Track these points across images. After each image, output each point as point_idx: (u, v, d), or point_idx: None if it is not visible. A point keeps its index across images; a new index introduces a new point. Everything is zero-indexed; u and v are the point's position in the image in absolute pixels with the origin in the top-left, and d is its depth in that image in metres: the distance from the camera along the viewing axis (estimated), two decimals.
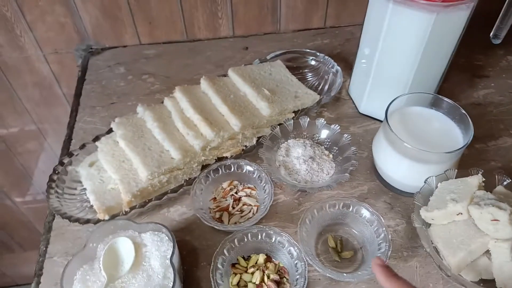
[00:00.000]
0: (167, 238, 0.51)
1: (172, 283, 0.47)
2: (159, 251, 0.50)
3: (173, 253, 0.48)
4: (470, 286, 0.49)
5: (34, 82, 0.97)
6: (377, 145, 0.63)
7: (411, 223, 0.61)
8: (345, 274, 0.52)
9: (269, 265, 0.55)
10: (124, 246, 0.50)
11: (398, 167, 0.60)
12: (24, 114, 1.03)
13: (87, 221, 0.57)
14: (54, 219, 0.63)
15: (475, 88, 0.82)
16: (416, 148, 0.56)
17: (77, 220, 0.57)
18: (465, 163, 0.64)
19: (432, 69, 0.66)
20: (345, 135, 0.65)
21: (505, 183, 0.56)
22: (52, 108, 1.03)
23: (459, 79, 0.83)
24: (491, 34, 0.67)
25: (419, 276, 0.56)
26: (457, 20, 0.60)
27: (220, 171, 0.63)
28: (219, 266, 0.52)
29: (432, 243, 0.53)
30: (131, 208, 0.59)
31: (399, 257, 0.58)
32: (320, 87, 0.80)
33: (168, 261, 0.49)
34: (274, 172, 0.61)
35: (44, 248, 0.59)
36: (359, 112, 0.77)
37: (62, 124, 1.07)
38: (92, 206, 0.60)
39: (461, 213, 0.51)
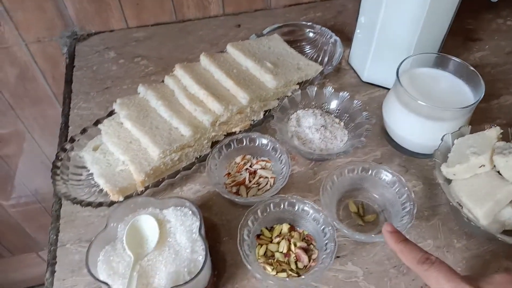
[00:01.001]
0: (190, 212, 0.49)
1: (203, 257, 0.46)
2: (184, 226, 0.48)
3: (200, 225, 0.46)
4: (497, 236, 0.49)
5: (17, 75, 0.92)
6: (389, 108, 0.63)
7: (428, 184, 0.61)
8: (373, 235, 0.52)
9: (294, 234, 0.54)
10: (147, 223, 0.48)
11: (412, 128, 0.60)
12: (7, 110, 0.98)
13: (100, 204, 0.54)
14: (61, 207, 0.60)
15: (470, 51, 0.83)
16: (431, 106, 0.56)
17: (89, 204, 0.54)
18: (472, 123, 0.64)
19: (435, 30, 0.66)
20: (355, 101, 0.64)
21: None
22: (36, 101, 0.98)
23: (453, 43, 0.83)
24: None
25: (442, 233, 0.56)
26: None
27: (232, 146, 0.62)
28: (245, 237, 0.51)
29: (455, 199, 0.53)
30: (145, 188, 0.56)
31: (421, 217, 0.58)
32: (320, 58, 0.79)
33: (194, 235, 0.48)
34: (288, 143, 0.60)
35: (55, 237, 0.56)
36: (362, 81, 0.76)
37: (47, 118, 1.03)
38: (101, 190, 0.58)
39: (484, 165, 0.51)
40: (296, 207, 0.54)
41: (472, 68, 0.60)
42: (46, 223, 1.35)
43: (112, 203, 0.55)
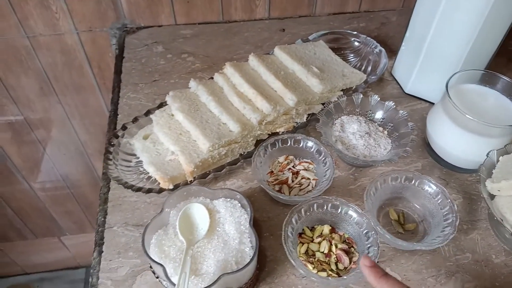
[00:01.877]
0: (239, 204, 0.51)
1: (250, 249, 0.47)
2: (233, 217, 0.50)
3: (251, 218, 0.48)
4: None
5: (64, 62, 0.95)
6: (435, 121, 0.64)
7: (468, 198, 0.62)
8: (415, 243, 0.53)
9: (334, 235, 0.55)
10: (198, 212, 0.50)
11: (458, 142, 0.61)
12: (51, 95, 1.01)
13: (150, 191, 0.56)
14: (109, 190, 0.62)
15: None
16: (480, 121, 0.56)
17: (139, 189, 0.56)
18: None
19: (483, 50, 0.67)
20: (401, 112, 0.65)
21: None
22: (80, 89, 1.01)
23: (497, 63, 0.83)
24: None
25: (481, 248, 0.57)
26: None
27: (277, 145, 0.63)
28: (289, 234, 0.52)
29: (498, 215, 0.53)
30: (193, 179, 0.58)
31: (460, 230, 0.58)
32: (363, 67, 0.80)
33: (243, 227, 0.49)
34: (332, 146, 0.61)
35: (103, 219, 0.59)
36: (405, 92, 0.77)
37: (88, 107, 1.06)
38: (149, 177, 0.60)
39: None
40: (339, 210, 0.55)
41: None
42: (72, 209, 1.39)
43: (161, 190, 0.57)
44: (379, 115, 0.68)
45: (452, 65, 0.68)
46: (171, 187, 0.56)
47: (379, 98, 0.68)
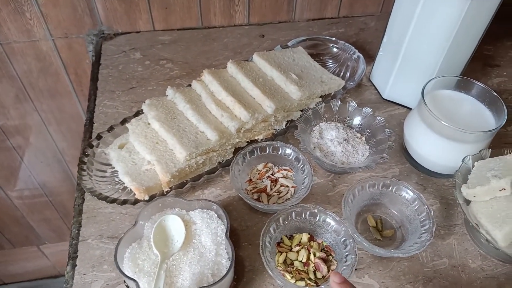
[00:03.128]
0: (216, 215, 0.50)
1: (227, 260, 0.46)
2: (209, 228, 0.49)
3: (227, 229, 0.47)
4: None
5: (40, 69, 0.93)
6: (411, 127, 0.64)
7: (444, 203, 0.62)
8: (392, 250, 0.53)
9: (313, 244, 0.55)
10: (174, 223, 0.49)
11: (434, 148, 0.61)
12: (27, 102, 0.99)
13: (125, 202, 0.55)
14: (83, 202, 0.60)
15: (489, 76, 0.85)
16: (455, 128, 0.57)
17: (114, 200, 0.55)
18: (490, 147, 0.66)
19: (459, 54, 0.68)
20: (378, 118, 0.65)
21: None
22: (56, 96, 0.99)
23: (472, 68, 0.85)
24: None
25: (457, 253, 0.57)
26: (488, 6, 0.61)
27: (256, 153, 0.63)
28: (267, 244, 0.52)
29: (473, 220, 0.54)
30: (170, 189, 0.57)
31: (437, 235, 0.59)
32: (342, 73, 0.81)
33: (219, 238, 0.48)
34: (310, 154, 0.61)
35: (76, 231, 0.57)
36: (383, 98, 0.78)
37: (64, 113, 1.04)
38: (124, 188, 0.59)
39: (504, 189, 0.53)
40: (318, 218, 0.55)
41: (495, 93, 0.62)
42: (50, 217, 1.36)
43: (136, 201, 0.56)
44: (357, 121, 0.68)
45: (428, 70, 0.69)
46: (146, 198, 0.55)
47: (356, 105, 0.68)
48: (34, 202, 1.30)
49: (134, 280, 0.42)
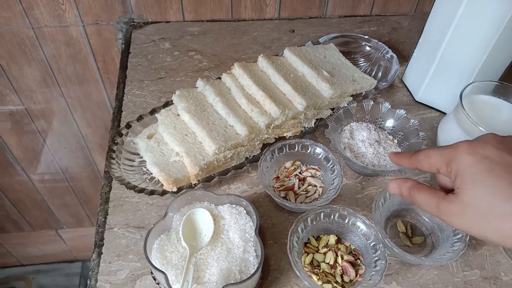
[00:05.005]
0: (245, 211, 0.49)
1: (254, 258, 0.46)
2: (238, 224, 0.48)
3: (257, 226, 0.46)
4: None
5: (69, 54, 0.94)
6: (446, 131, 0.62)
7: None
8: (423, 258, 0.51)
9: (340, 246, 0.54)
10: (202, 217, 0.48)
11: None
12: (54, 87, 1.00)
13: (152, 192, 0.55)
14: (110, 190, 0.60)
15: None
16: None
17: (142, 190, 0.54)
18: None
19: (501, 58, 0.65)
20: (412, 120, 0.64)
21: None
22: (83, 82, 1.00)
23: (510, 72, 0.82)
24: None
25: (489, 264, 0.55)
26: None
27: (284, 150, 0.62)
28: (295, 244, 0.51)
29: None
30: (197, 182, 0.57)
31: (468, 245, 0.57)
32: (374, 73, 0.79)
33: (248, 235, 0.48)
34: (341, 154, 0.60)
35: (103, 219, 0.57)
36: (415, 100, 0.75)
37: (90, 100, 1.04)
38: (152, 178, 0.59)
39: None
40: (347, 220, 0.54)
41: None
42: (70, 203, 1.38)
43: (164, 193, 0.55)
44: (389, 123, 0.66)
45: (466, 73, 0.66)
46: (174, 189, 0.55)
47: (390, 106, 0.66)
48: (55, 187, 1.31)
49: (163, 272, 0.42)
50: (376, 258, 0.50)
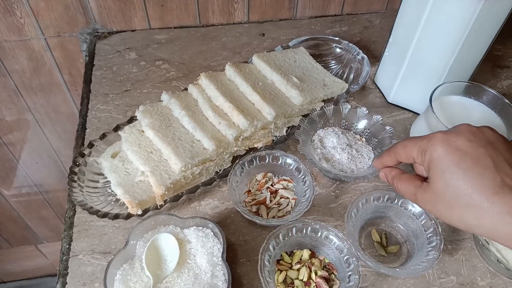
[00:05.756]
0: (211, 233, 0.48)
1: (223, 283, 0.44)
2: (205, 248, 0.46)
3: (223, 249, 0.45)
4: None
5: (33, 68, 0.90)
6: (418, 134, 0.61)
7: None
8: (398, 270, 0.50)
9: (314, 261, 0.52)
10: (167, 242, 0.46)
11: None
12: (20, 102, 0.96)
13: (116, 217, 0.52)
14: (75, 214, 0.58)
15: (498, 78, 0.82)
16: None
17: (105, 215, 0.52)
18: None
19: (470, 58, 0.65)
20: (375, 116, 0.63)
21: None
22: (50, 96, 0.96)
23: (482, 69, 0.81)
24: None
25: (465, 270, 0.55)
26: (502, 7, 0.58)
27: (255, 163, 0.60)
28: (266, 263, 0.49)
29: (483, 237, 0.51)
30: (164, 202, 0.55)
31: (444, 250, 0.56)
32: (345, 75, 0.77)
33: (215, 259, 0.46)
34: (318, 166, 0.58)
35: (67, 246, 0.55)
36: (388, 102, 0.74)
37: (59, 113, 1.01)
38: (117, 199, 0.56)
39: None
40: (319, 234, 0.52)
41: (506, 100, 0.58)
42: (47, 216, 1.34)
43: (129, 216, 0.53)
44: (354, 123, 0.66)
45: (437, 73, 0.65)
46: (139, 212, 0.53)
47: (350, 106, 0.65)
48: (30, 202, 1.28)
49: None
50: (349, 273, 0.49)
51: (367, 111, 0.65)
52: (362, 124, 0.65)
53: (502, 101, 0.59)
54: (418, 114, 0.71)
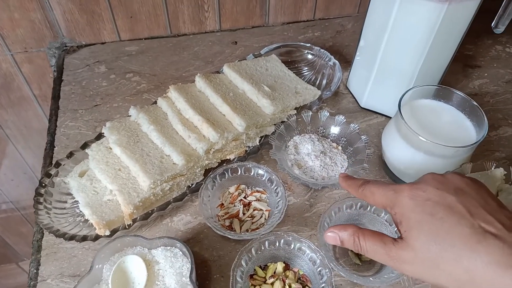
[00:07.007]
0: (180, 253, 0.47)
1: None
2: (174, 268, 0.45)
3: (191, 269, 0.44)
4: None
5: (0, 85, 0.88)
6: (389, 139, 0.61)
7: None
8: (371, 279, 0.50)
9: (288, 273, 0.52)
10: (134, 264, 0.45)
11: (412, 162, 0.58)
12: None
13: (84, 239, 0.51)
14: (43, 237, 0.56)
15: (469, 78, 0.82)
16: (433, 142, 0.54)
17: (72, 238, 0.51)
18: (472, 157, 0.63)
19: (439, 60, 0.65)
20: (352, 125, 0.62)
21: None
22: (21, 111, 0.94)
23: (453, 69, 0.82)
24: (492, 24, 0.67)
25: None
26: (467, 9, 0.58)
27: (227, 175, 0.59)
28: (238, 279, 0.48)
29: None
30: (133, 221, 0.53)
31: None
32: (318, 81, 0.77)
33: (185, 279, 0.45)
34: (289, 173, 0.58)
35: (35, 270, 0.53)
36: (360, 107, 0.74)
37: (31, 129, 0.99)
38: (86, 220, 0.55)
39: None
40: (292, 246, 0.52)
41: (475, 103, 0.59)
42: (26, 233, 1.31)
43: (97, 237, 0.52)
44: (331, 130, 0.66)
45: (407, 76, 0.65)
46: (107, 233, 0.51)
47: (328, 113, 0.65)
48: (8, 219, 1.25)
49: None
50: (323, 285, 0.49)
51: (344, 119, 0.64)
52: (338, 132, 0.65)
53: (470, 103, 0.59)
54: (391, 117, 0.71)
